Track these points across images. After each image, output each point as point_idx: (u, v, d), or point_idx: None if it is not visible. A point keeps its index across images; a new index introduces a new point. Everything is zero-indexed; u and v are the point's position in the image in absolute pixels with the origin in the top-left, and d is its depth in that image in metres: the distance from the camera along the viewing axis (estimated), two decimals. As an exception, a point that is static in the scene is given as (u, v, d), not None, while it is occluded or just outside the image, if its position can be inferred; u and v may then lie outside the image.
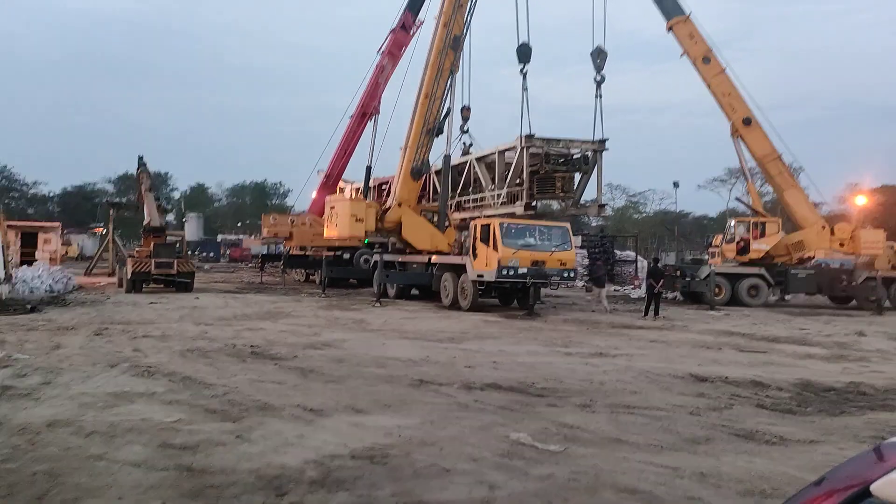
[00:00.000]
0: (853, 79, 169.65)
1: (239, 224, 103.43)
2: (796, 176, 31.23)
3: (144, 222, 29.01)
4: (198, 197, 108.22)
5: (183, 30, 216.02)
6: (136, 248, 31.01)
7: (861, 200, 67.26)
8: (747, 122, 27.85)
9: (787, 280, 27.65)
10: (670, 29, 28.78)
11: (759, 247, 27.96)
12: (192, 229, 78.48)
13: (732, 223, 30.50)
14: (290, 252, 37.56)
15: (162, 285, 26.87)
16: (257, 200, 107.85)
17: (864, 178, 79.05)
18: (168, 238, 28.80)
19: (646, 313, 21.20)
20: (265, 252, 48.60)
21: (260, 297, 25.13)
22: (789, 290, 28.35)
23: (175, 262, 26.39)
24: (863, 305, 26.99)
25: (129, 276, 25.82)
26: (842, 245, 28.01)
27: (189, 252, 39.30)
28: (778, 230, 28.71)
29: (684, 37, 28.45)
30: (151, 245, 26.74)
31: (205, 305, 21.22)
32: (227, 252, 74.93)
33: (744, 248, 28.28)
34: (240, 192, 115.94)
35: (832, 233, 27.88)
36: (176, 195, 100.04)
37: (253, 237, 77.66)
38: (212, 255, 71.68)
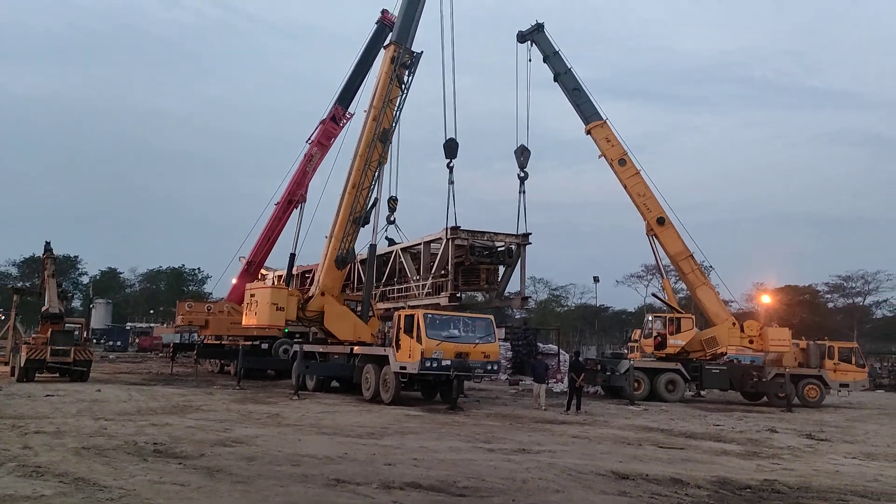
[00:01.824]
0: (754, 185, 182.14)
1: (151, 311, 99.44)
2: (707, 274, 32.63)
3: (43, 308, 27.66)
4: (108, 282, 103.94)
5: (108, 110, 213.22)
6: (32, 335, 29.39)
7: (766, 299, 71.06)
8: (661, 221, 29.18)
9: (702, 376, 28.34)
10: (589, 132, 30.35)
11: (675, 342, 28.71)
12: (100, 316, 75.01)
13: (650, 318, 31.36)
14: (205, 341, 36.12)
15: (57, 374, 25.89)
16: (173, 287, 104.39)
17: (768, 278, 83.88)
18: (67, 325, 27.67)
19: (568, 408, 21.14)
20: (177, 341, 46.51)
21: (168, 390, 23.79)
22: (704, 385, 29.03)
23: (72, 350, 25.41)
24: (773, 402, 27.84)
25: (21, 364, 24.43)
26: (751, 342, 29.09)
27: (93, 340, 37.28)
28: (692, 326, 29.64)
29: (602, 140, 30.03)
30: (49, 332, 25.76)
31: (106, 398, 19.87)
32: (137, 341, 71.50)
33: (661, 344, 28.97)
34: (154, 278, 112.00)
35: (742, 330, 28.98)
36: (85, 280, 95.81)
37: (166, 325, 74.64)
38: (119, 343, 68.18)
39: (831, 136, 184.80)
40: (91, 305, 75.34)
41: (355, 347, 23.64)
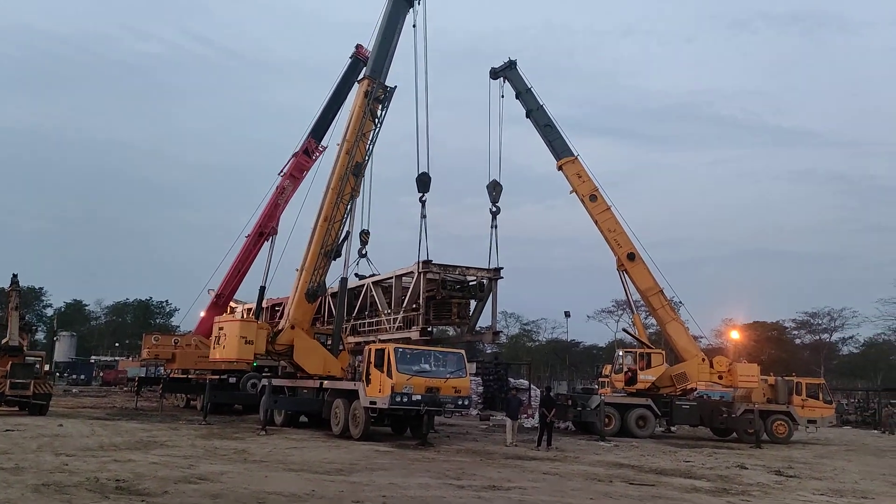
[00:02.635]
0: (723, 223, 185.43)
1: (117, 344, 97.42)
2: (677, 310, 32.98)
3: (3, 341, 27.15)
4: (73, 314, 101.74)
5: (76, 140, 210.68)
6: None
7: (735, 335, 71.97)
8: (631, 257, 29.53)
9: (672, 411, 28.46)
10: (560, 168, 30.78)
11: (645, 377, 28.83)
12: (64, 349, 73.37)
13: (620, 353, 31.48)
14: (171, 375, 35.42)
15: (16, 408, 25.56)
16: (140, 319, 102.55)
17: (737, 314, 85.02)
18: (27, 358, 27.26)
19: (539, 443, 21.02)
20: (143, 375, 45.53)
21: (132, 425, 23.19)
22: (674, 421, 29.13)
23: (32, 383, 25.27)
24: (742, 438, 27.99)
25: None
26: (720, 378, 29.34)
27: (56, 374, 36.42)
28: (662, 361, 29.81)
29: (573, 176, 30.46)
30: (8, 365, 25.52)
31: (69, 433, 19.30)
32: (101, 374, 69.80)
33: (631, 379, 29.07)
34: (121, 311, 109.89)
35: (711, 366, 29.23)
36: (49, 312, 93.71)
37: (131, 359, 73.06)
38: (83, 377, 66.48)
39: (797, 174, 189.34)
40: (55, 338, 73.64)
41: (325, 382, 23.35)
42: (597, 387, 36.17)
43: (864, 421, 44.75)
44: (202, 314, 37.26)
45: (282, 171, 35.90)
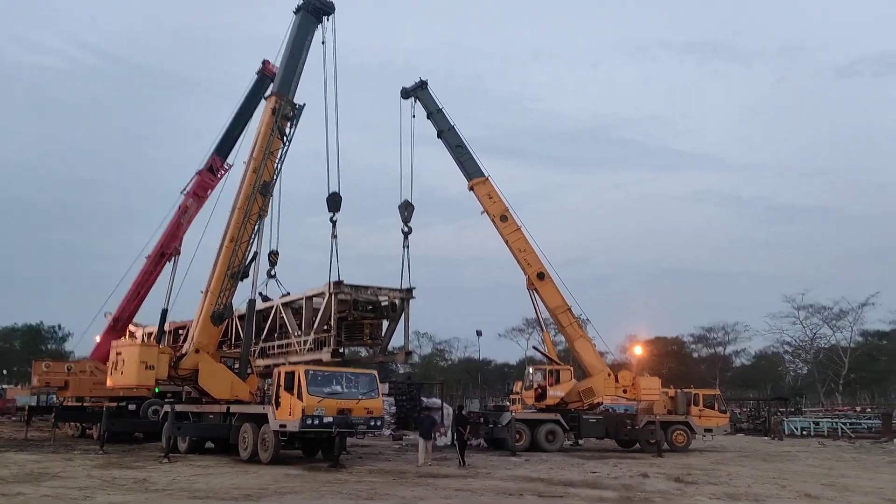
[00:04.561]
0: (627, 242, 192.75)
1: (4, 372, 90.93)
2: (584, 327, 34.03)
3: None
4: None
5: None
6: None
7: (638, 350, 74.85)
8: (541, 276, 30.28)
9: (580, 425, 29.25)
10: (471, 188, 31.29)
11: (554, 393, 29.53)
12: (-57, 378, 67.84)
13: (530, 370, 32.13)
14: (64, 403, 33.42)
15: None
16: (29, 345, 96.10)
17: (640, 330, 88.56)
18: None
19: (462, 464, 20.71)
20: (33, 404, 42.68)
21: (22, 456, 21.71)
22: (582, 434, 29.94)
23: None
24: (645, 448, 29.10)
25: None
26: (625, 391, 30.41)
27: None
28: (571, 377, 30.63)
29: (484, 196, 31.02)
30: None
31: (-53, 469, 17.87)
32: (-14, 404, 64.82)
33: (541, 395, 29.71)
34: (8, 336, 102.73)
35: (616, 380, 30.27)
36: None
37: (20, 386, 68.39)
38: (-33, 407, 61.51)
39: (695, 195, 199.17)
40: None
41: (232, 406, 22.66)
42: (508, 404, 36.76)
43: (756, 428, 47.37)
44: (98, 339, 35.44)
45: (184, 190, 34.72)
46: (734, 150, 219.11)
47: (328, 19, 27.32)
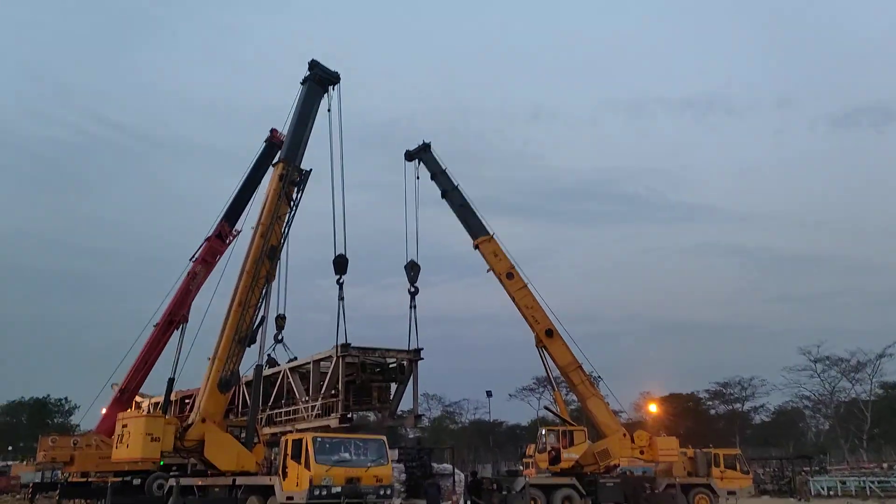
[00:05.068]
0: (634, 296, 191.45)
1: (10, 448, 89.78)
2: (596, 385, 33.26)
3: None
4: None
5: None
6: None
7: (654, 409, 73.33)
8: (549, 333, 29.80)
9: (597, 490, 28.23)
10: (477, 247, 31.20)
11: (569, 455, 28.67)
12: (-52, 455, 66.89)
13: (543, 432, 31.30)
14: (70, 479, 32.69)
15: None
16: (36, 419, 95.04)
17: (654, 387, 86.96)
18: None
19: None
20: (38, 480, 41.83)
21: (21, 536, 21.04)
22: (600, 499, 28.82)
23: None
24: (666, 512, 28.01)
25: None
26: (642, 452, 29.50)
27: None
28: (585, 438, 29.79)
29: (489, 254, 30.90)
30: None
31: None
32: (-10, 482, 63.61)
33: (555, 458, 28.84)
34: (15, 410, 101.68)
35: (632, 441, 29.40)
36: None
37: (25, 463, 67.24)
38: (-31, 485, 60.35)
39: (699, 247, 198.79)
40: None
41: (238, 478, 22.03)
42: (521, 468, 35.75)
43: (781, 489, 45.75)
44: (104, 411, 34.95)
45: (193, 257, 34.89)
46: (736, 201, 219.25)
47: (334, 88, 27.95)
